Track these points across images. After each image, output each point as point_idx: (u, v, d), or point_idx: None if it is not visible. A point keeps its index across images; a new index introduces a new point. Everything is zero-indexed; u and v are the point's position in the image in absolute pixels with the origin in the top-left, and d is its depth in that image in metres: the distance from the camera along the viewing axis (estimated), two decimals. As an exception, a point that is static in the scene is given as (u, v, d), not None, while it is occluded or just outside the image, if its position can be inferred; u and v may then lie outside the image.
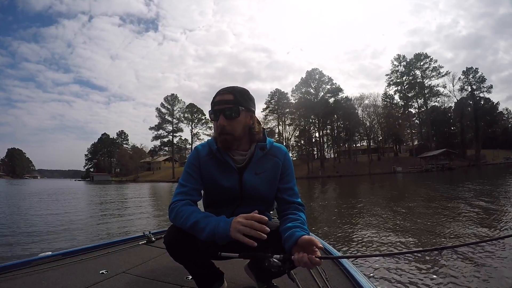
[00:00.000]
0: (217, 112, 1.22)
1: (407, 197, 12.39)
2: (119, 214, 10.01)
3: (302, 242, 1.02)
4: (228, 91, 1.23)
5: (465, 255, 3.73)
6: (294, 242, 1.05)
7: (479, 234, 5.00)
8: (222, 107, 1.21)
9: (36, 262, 1.84)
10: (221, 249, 1.09)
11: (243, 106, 1.22)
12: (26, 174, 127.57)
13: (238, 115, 1.21)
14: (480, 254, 3.76)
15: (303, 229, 1.12)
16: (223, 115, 1.20)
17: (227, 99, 1.21)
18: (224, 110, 1.20)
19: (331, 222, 7.07)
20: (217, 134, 1.24)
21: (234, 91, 1.23)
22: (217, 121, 1.22)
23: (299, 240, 1.04)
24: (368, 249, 4.59)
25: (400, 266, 3.53)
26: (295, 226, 1.13)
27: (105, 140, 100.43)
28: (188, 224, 1.12)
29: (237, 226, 1.03)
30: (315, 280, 1.50)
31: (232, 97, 1.21)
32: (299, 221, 1.17)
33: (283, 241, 1.11)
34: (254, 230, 1.01)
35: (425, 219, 6.73)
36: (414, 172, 45.89)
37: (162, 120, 74.64)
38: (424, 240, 4.89)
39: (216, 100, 1.23)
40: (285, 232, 1.13)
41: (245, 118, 1.24)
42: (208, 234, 1.07)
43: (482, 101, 61.11)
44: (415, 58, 61.81)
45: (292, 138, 66.96)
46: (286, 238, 1.10)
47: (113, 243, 2.36)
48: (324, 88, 63.51)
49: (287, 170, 1.32)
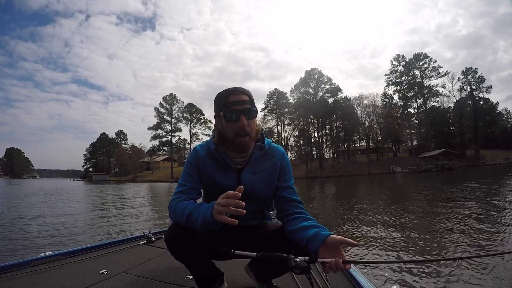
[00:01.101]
0: (237, 112, 1.19)
1: (406, 199, 12.35)
2: (118, 214, 9.97)
3: (332, 242, 0.98)
4: (243, 91, 1.22)
5: (475, 264, 3.41)
6: (322, 242, 1.01)
7: (487, 245, 4.56)
8: (244, 107, 1.19)
9: (36, 262, 1.84)
10: (235, 248, 1.12)
11: (255, 107, 1.24)
12: (25, 174, 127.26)
13: (255, 116, 1.23)
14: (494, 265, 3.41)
15: (324, 228, 1.08)
16: (244, 115, 1.19)
17: (245, 99, 1.20)
18: (245, 111, 1.19)
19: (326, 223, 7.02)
20: (233, 135, 1.21)
21: (248, 92, 1.23)
22: (236, 121, 1.19)
23: (328, 240, 0.99)
24: (366, 251, 4.52)
25: (399, 268, 3.45)
26: (315, 226, 1.10)
27: (104, 140, 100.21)
28: (184, 218, 1.13)
29: (217, 208, 1.02)
30: (315, 280, 1.48)
31: (248, 98, 1.21)
32: (313, 220, 1.15)
33: (306, 240, 1.07)
34: (232, 208, 1.00)
35: (427, 222, 6.68)
36: (413, 172, 45.90)
37: (161, 120, 74.56)
38: (427, 247, 4.77)
39: (233, 100, 1.20)
40: (303, 231, 1.10)
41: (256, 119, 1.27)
42: (201, 223, 1.08)
43: (481, 101, 61.23)
44: (415, 58, 61.83)
45: (291, 138, 67.12)
46: (310, 238, 1.05)
47: (113, 243, 2.36)
48: (323, 88, 63.56)
49: (285, 170, 1.33)
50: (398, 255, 4.26)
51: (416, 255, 4.29)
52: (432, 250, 4.42)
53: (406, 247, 4.67)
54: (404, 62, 62.82)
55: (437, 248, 4.50)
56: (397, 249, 4.54)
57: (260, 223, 1.39)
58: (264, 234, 1.32)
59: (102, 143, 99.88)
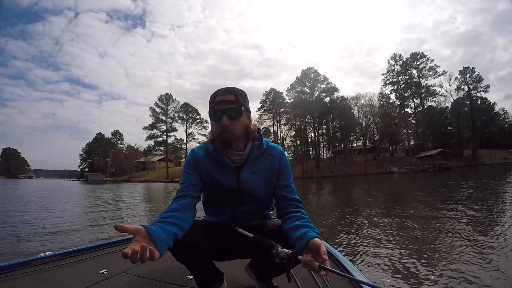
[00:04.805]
0: (219, 112, 1.22)
1: (403, 201, 11.85)
2: (117, 214, 9.99)
3: (313, 245, 1.00)
4: (229, 91, 1.24)
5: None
6: (306, 243, 1.02)
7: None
8: (225, 107, 1.22)
9: (36, 262, 1.84)
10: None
11: (243, 106, 1.25)
12: (21, 174, 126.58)
13: (240, 116, 1.24)
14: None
15: (313, 229, 1.09)
16: (226, 115, 1.21)
17: (229, 99, 1.22)
18: (226, 111, 1.22)
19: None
20: (217, 133, 1.25)
21: (234, 92, 1.24)
22: (219, 121, 1.22)
23: (310, 242, 1.01)
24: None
25: (401, 268, 3.48)
26: (305, 225, 1.11)
27: (100, 140, 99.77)
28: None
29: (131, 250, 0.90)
30: (315, 280, 1.50)
31: (233, 97, 1.23)
32: (306, 220, 1.16)
33: (294, 240, 1.08)
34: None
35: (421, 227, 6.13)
36: (410, 172, 45.58)
37: (156, 119, 74.03)
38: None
39: (217, 101, 1.23)
40: (293, 231, 1.12)
41: (245, 118, 1.27)
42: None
43: (478, 101, 60.96)
44: (412, 57, 61.41)
45: (287, 138, 66.59)
46: (298, 237, 1.06)
47: (113, 243, 2.33)
48: (320, 87, 63.18)
49: (284, 169, 1.33)
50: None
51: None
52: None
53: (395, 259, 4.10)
54: (401, 61, 62.42)
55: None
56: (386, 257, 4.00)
57: (260, 223, 1.39)
58: (264, 233, 1.27)
59: (98, 143, 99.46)
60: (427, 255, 4.09)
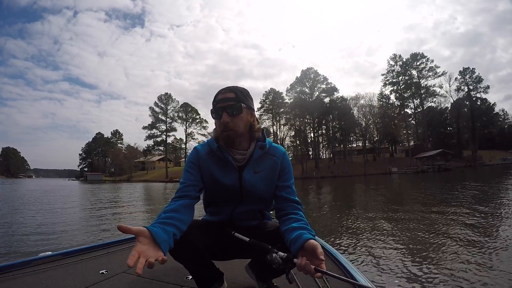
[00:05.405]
0: (219, 110, 1.24)
1: (403, 203, 11.84)
2: (117, 214, 9.99)
3: (308, 247, 1.00)
4: (229, 89, 1.26)
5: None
6: (301, 245, 1.02)
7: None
8: (224, 104, 1.23)
9: (36, 262, 1.84)
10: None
11: (244, 103, 1.25)
12: (20, 174, 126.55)
13: (240, 112, 1.24)
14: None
15: (309, 231, 1.09)
16: (226, 112, 1.22)
17: (229, 97, 1.24)
18: (226, 108, 1.22)
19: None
20: (220, 131, 1.25)
21: (235, 90, 1.26)
22: (220, 119, 1.24)
23: (306, 244, 1.01)
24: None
25: (401, 268, 3.47)
26: (301, 227, 1.11)
27: (99, 139, 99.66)
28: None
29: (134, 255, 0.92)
30: (315, 280, 1.49)
31: (233, 95, 1.24)
32: (303, 222, 1.17)
33: (290, 242, 1.08)
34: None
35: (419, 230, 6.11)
36: (410, 173, 45.59)
37: (156, 119, 73.94)
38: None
39: (218, 99, 1.25)
40: (289, 233, 1.11)
41: (246, 115, 1.27)
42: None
43: (478, 102, 60.99)
44: (412, 58, 61.45)
45: (287, 138, 66.53)
46: (293, 240, 1.06)
47: (113, 243, 2.33)
48: (319, 87, 63.17)
49: (286, 169, 1.33)
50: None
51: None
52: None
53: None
54: (401, 62, 62.47)
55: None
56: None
57: (260, 224, 1.39)
58: (263, 234, 1.29)
59: (97, 142, 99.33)
60: (427, 255, 4.07)
